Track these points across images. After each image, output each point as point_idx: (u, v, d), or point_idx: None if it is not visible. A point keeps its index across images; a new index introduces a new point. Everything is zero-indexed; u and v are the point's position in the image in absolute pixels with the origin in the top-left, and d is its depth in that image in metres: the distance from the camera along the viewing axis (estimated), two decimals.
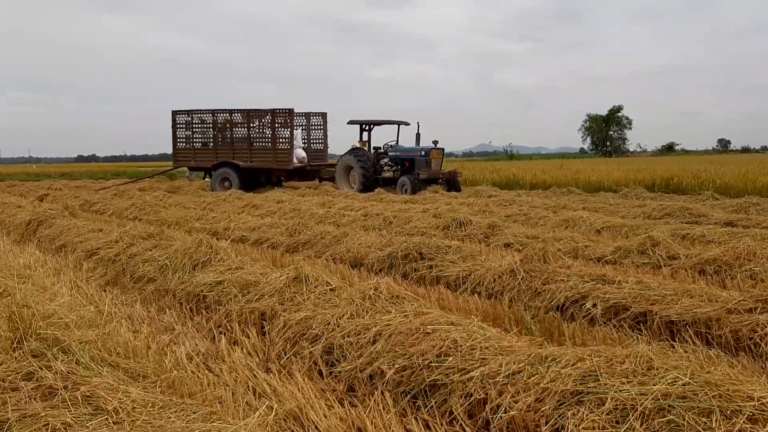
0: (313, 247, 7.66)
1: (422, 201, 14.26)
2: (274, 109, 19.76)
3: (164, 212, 11.98)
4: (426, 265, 5.93)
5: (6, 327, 2.89)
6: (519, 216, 10.10)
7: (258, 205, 13.23)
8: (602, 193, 15.66)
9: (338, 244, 7.35)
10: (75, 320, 3.45)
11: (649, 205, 10.81)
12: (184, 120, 21.07)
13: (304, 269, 4.46)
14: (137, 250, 6.52)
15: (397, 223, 9.51)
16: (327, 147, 22.68)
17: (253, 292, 4.57)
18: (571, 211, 10.09)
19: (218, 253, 5.66)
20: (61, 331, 2.91)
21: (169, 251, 6.10)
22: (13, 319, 2.83)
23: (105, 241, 7.49)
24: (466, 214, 9.00)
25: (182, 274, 5.43)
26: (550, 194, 16.07)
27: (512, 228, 8.13)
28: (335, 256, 7.03)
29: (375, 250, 6.76)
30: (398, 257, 6.22)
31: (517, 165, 29.14)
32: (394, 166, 18.78)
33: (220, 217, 10.58)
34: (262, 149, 20.15)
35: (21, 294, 3.37)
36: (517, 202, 12.86)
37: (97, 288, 6.18)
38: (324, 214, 11.06)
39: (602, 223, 8.74)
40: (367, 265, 6.51)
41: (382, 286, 3.71)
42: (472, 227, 8.36)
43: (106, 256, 6.87)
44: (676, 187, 15.83)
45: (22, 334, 2.77)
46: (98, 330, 3.38)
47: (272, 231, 8.53)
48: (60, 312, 3.47)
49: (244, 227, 9.20)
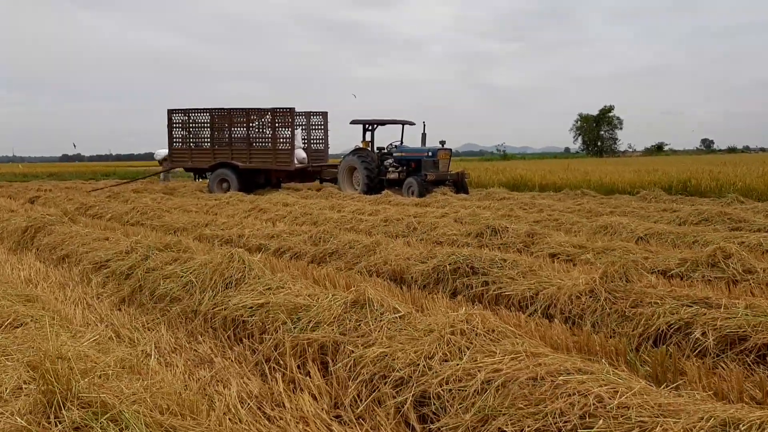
0: (342, 257, 7.04)
1: (435, 204, 13.67)
2: (274, 108, 19.11)
3: (168, 217, 11.32)
4: (480, 281, 5.34)
5: (36, 386, 2.27)
6: (549, 221, 9.54)
7: (265, 208, 12.59)
8: (618, 196, 15.15)
9: (371, 255, 6.74)
10: (112, 365, 2.83)
11: (683, 209, 10.27)
12: (181, 119, 20.36)
13: (366, 291, 3.85)
14: (155, 264, 5.88)
15: (423, 229, 8.92)
16: (328, 147, 22.05)
17: (305, 318, 3.96)
18: (606, 217, 9.53)
19: (252, 268, 5.05)
20: (105, 390, 2.29)
21: (192, 265, 5.48)
22: (47, 378, 2.20)
23: (115, 252, 6.84)
24: (496, 220, 8.42)
25: (213, 294, 4.81)
26: (563, 197, 15.54)
27: (553, 236, 7.56)
28: (370, 268, 6.42)
29: (416, 262, 6.16)
30: (446, 271, 5.62)
31: (523, 165, 28.60)
32: (399, 167, 18.17)
33: (230, 223, 9.94)
34: (262, 150, 19.48)
35: (52, 342, 2.74)
36: (537, 205, 12.30)
37: (111, 307, 5.55)
38: (339, 219, 10.45)
39: (644, 231, 8.18)
40: (410, 280, 5.91)
41: (476, 318, 3.11)
42: (508, 235, 7.78)
43: (118, 269, 6.22)
44: (695, 189, 15.34)
45: (59, 399, 2.15)
46: (142, 380, 2.76)
47: (294, 239, 7.91)
48: (92, 355, 2.85)
49: (261, 234, 8.57)
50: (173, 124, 20.34)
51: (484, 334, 3.04)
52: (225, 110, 19.80)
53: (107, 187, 21.52)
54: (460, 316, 3.18)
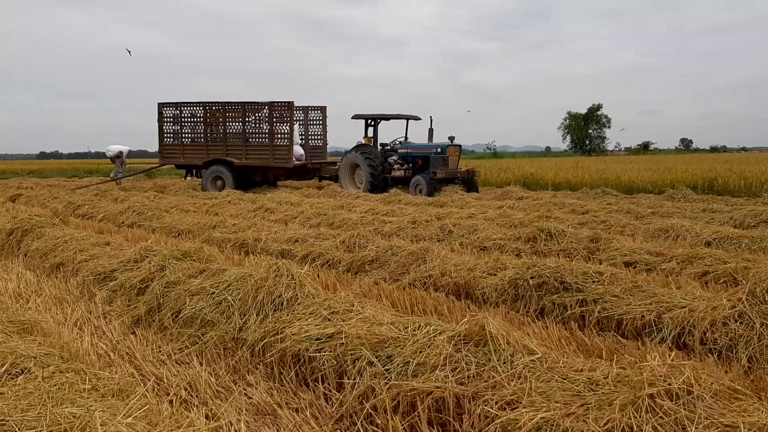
0: (384, 267, 6.09)
1: (451, 203, 12.75)
2: (271, 102, 18.07)
3: (168, 217, 10.28)
4: (576, 300, 4.42)
5: None
6: (596, 223, 8.65)
7: (272, 208, 11.58)
8: (642, 195, 14.32)
9: (421, 264, 5.80)
10: None
11: (738, 210, 9.43)
12: (172, 113, 19.23)
13: (486, 323, 2.91)
14: (175, 277, 4.90)
15: (460, 232, 7.99)
16: (326, 143, 21.01)
17: (398, 357, 3.02)
18: (659, 219, 8.67)
19: (303, 284, 4.09)
20: None
21: (225, 280, 4.51)
22: None
23: (121, 260, 5.84)
24: (548, 222, 7.50)
25: (260, 318, 3.85)
26: (583, 195, 14.68)
27: (620, 241, 6.67)
28: (424, 280, 5.48)
29: (483, 273, 5.24)
30: (528, 286, 4.70)
31: (530, 163, 27.72)
32: (404, 165, 17.22)
33: (241, 225, 8.93)
34: (259, 146, 18.42)
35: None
36: (567, 204, 11.41)
37: (124, 330, 4.57)
38: (359, 220, 9.49)
39: (710, 234, 7.33)
40: (479, 296, 4.99)
41: (687, 371, 2.18)
42: (566, 239, 6.88)
43: (128, 282, 5.23)
44: (722, 188, 14.57)
45: None
46: None
47: (323, 244, 6.93)
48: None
49: (281, 238, 7.58)
50: (164, 118, 19.22)
51: (709, 397, 2.11)
52: (219, 104, 18.72)
53: (93, 185, 20.33)
54: (657, 367, 2.24)
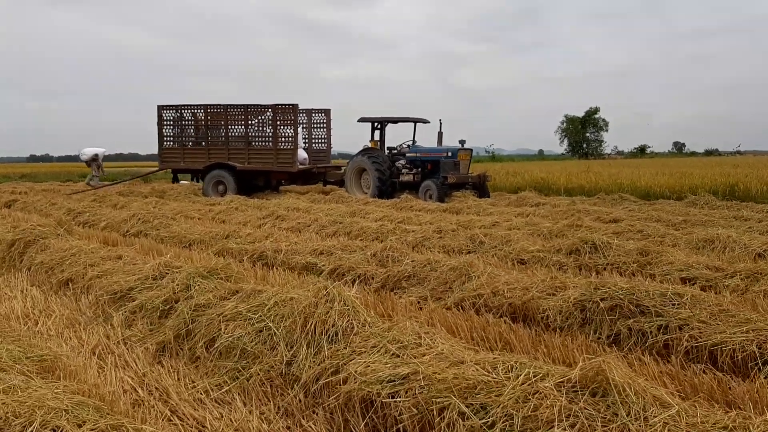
0: (423, 283, 5.61)
1: (467, 210, 12.29)
2: (276, 105, 17.58)
3: (176, 226, 9.77)
4: (655, 325, 3.97)
5: None
6: (632, 233, 8.20)
7: (283, 215, 11.09)
8: (662, 201, 13.88)
9: (466, 281, 5.33)
10: None
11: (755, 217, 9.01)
12: (172, 116, 18.71)
13: (607, 370, 2.44)
14: (204, 298, 4.42)
15: (492, 242, 7.52)
16: (331, 147, 20.51)
17: (495, 408, 2.54)
18: (699, 228, 8.24)
19: (357, 311, 3.62)
20: None
21: (262, 303, 4.04)
22: None
23: (138, 277, 5.35)
24: (590, 233, 7.05)
25: (312, 352, 3.37)
26: (599, 201, 14.24)
27: (671, 254, 6.22)
28: (474, 301, 5.00)
29: (540, 293, 4.77)
30: (598, 309, 4.24)
31: (538, 168, 27.29)
32: (413, 169, 16.74)
33: (257, 234, 8.43)
34: (262, 149, 17.91)
35: None
36: (591, 212, 10.97)
37: (149, 359, 4.09)
38: (378, 229, 9.01)
39: (760, 246, 6.90)
40: (540, 320, 4.52)
41: None
42: (613, 252, 6.43)
43: (149, 303, 4.75)
44: (743, 194, 14.18)
45: None
46: None
47: (352, 257, 6.45)
48: None
49: (303, 249, 7.09)
50: (163, 121, 18.69)
51: None
52: (221, 106, 18.21)
53: (90, 190, 19.76)
54: None
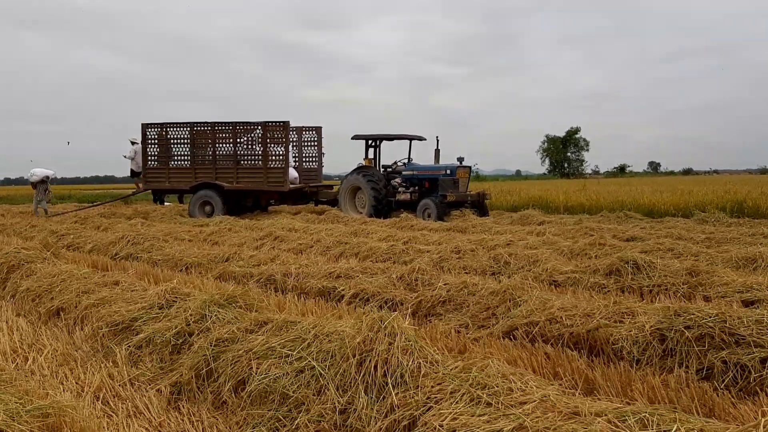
0: (460, 309, 5.04)
1: (472, 229, 11.76)
2: (265, 122, 16.99)
3: (169, 248, 9.11)
4: (756, 358, 3.43)
5: None
6: (662, 251, 7.71)
7: (281, 236, 10.46)
8: (669, 218, 13.48)
9: (510, 306, 4.77)
10: None
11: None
12: (157, 134, 18.03)
13: None
14: (226, 331, 3.80)
15: (518, 263, 6.99)
16: (322, 166, 19.93)
17: None
18: (735, 246, 7.78)
19: (423, 348, 3.03)
20: None
21: (299, 336, 3.44)
22: None
23: (141, 306, 4.72)
24: (633, 252, 6.53)
25: (375, 398, 2.78)
26: (603, 219, 13.82)
27: (723, 274, 5.71)
28: (525, 329, 4.42)
29: (606, 320, 4.22)
30: (682, 339, 3.69)
31: (535, 187, 26.89)
32: (410, 187, 16.22)
33: (260, 256, 7.80)
34: (252, 168, 17.27)
35: None
36: (605, 230, 10.49)
37: (163, 403, 3.46)
38: (388, 249, 8.43)
39: None
40: (611, 351, 3.96)
41: None
42: (658, 273, 5.91)
43: (158, 336, 4.12)
44: (752, 210, 13.84)
45: None
46: None
47: (374, 281, 5.85)
48: None
49: (317, 272, 6.48)
50: (148, 140, 18.01)
51: None
52: (208, 124, 17.59)
53: (71, 212, 18.93)
54: None
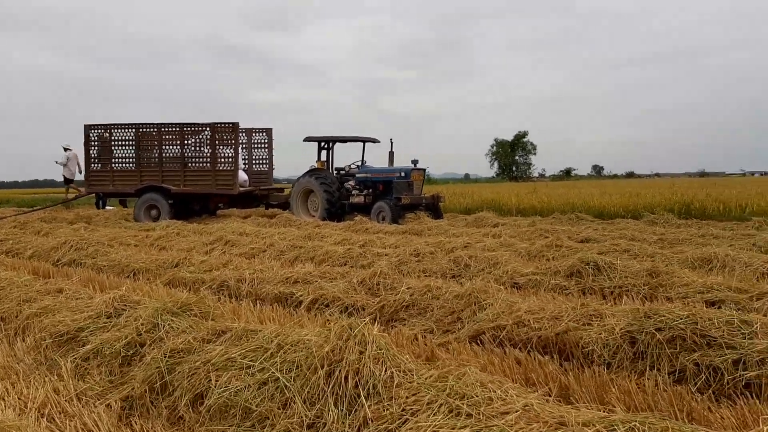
0: (425, 313, 4.91)
1: (429, 232, 11.68)
2: (214, 124, 16.59)
3: (114, 253, 8.74)
4: (729, 360, 3.38)
5: None
6: (618, 252, 7.72)
7: (232, 240, 10.15)
8: (619, 220, 13.65)
9: (475, 310, 4.65)
10: None
11: (761, 236, 8.77)
12: (100, 136, 17.42)
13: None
14: (181, 342, 3.57)
15: (479, 265, 6.90)
16: (272, 168, 19.58)
17: None
18: (689, 246, 7.87)
19: (395, 356, 2.87)
20: None
21: (261, 345, 3.24)
22: None
23: (88, 315, 4.43)
24: (592, 254, 6.50)
25: (345, 410, 2.61)
26: (555, 221, 13.90)
27: (683, 275, 5.72)
28: (493, 333, 4.31)
29: (572, 322, 4.14)
30: (653, 341, 3.63)
31: (487, 189, 27.04)
32: (364, 190, 16.06)
33: (212, 262, 7.52)
34: (200, 171, 16.83)
35: None
36: (560, 231, 10.52)
37: (113, 419, 3.22)
38: (345, 253, 8.25)
39: (762, 265, 6.52)
40: (581, 355, 3.88)
41: None
42: (618, 274, 5.89)
43: (107, 347, 3.85)
44: (699, 212, 14.14)
45: None
46: None
47: (335, 286, 5.66)
48: None
49: (273, 278, 6.26)
50: (91, 141, 17.39)
51: None
52: (154, 125, 17.09)
53: (10, 216, 18.14)
54: None
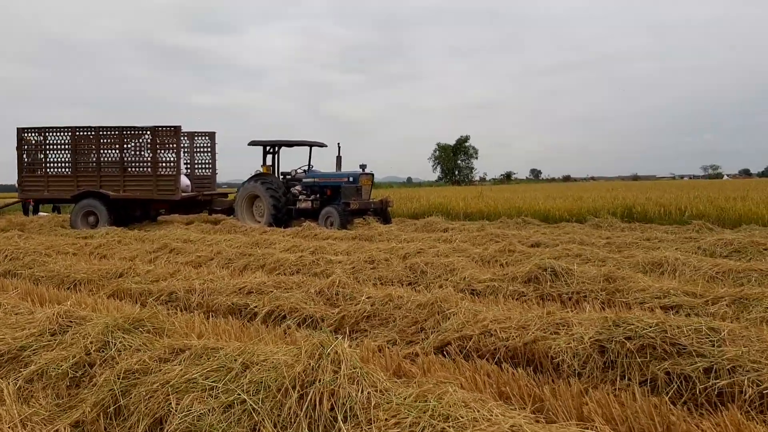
0: (387, 324, 4.79)
1: (378, 238, 11.57)
2: (155, 127, 16.11)
3: (53, 263, 8.31)
4: (700, 369, 3.37)
5: None
6: (571, 257, 7.76)
7: (177, 248, 9.82)
8: (564, 224, 13.85)
9: (439, 319, 4.56)
10: None
11: (704, 239, 8.98)
12: (34, 140, 16.70)
13: None
14: (135, 361, 3.35)
15: (435, 272, 6.82)
16: (216, 173, 19.14)
17: None
18: (644, 251, 7.97)
19: (370, 374, 2.74)
20: None
21: (223, 364, 3.06)
22: None
23: (30, 333, 4.13)
24: (549, 260, 6.50)
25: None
26: (502, 225, 14.00)
27: (639, 280, 5.77)
28: (459, 344, 4.22)
29: (541, 332, 4.08)
30: (623, 350, 3.60)
31: (434, 194, 27.02)
32: (311, 195, 15.84)
33: (159, 272, 7.22)
34: (140, 176, 16.30)
35: None
36: (509, 236, 10.57)
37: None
38: (297, 261, 8.06)
39: (711, 268, 6.64)
40: (552, 365, 3.82)
41: None
42: (575, 279, 5.90)
43: (54, 368, 3.60)
44: (641, 215, 14.46)
45: None
46: None
47: (291, 296, 5.47)
48: None
49: (225, 288, 6.02)
50: (24, 145, 16.65)
51: None
52: (92, 128, 16.48)
53: None
54: None
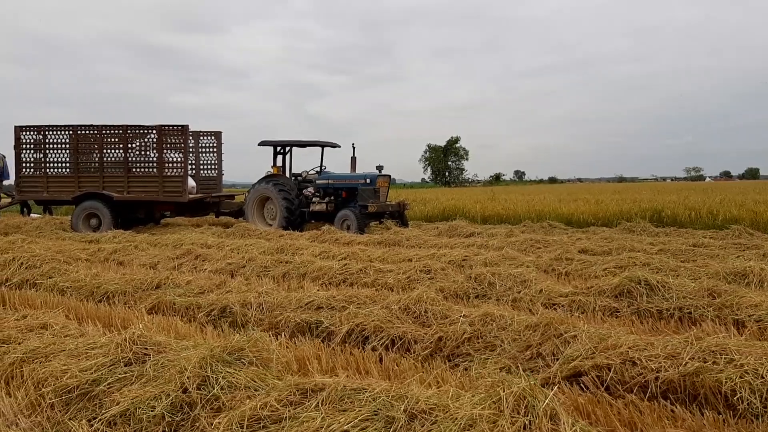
0: (493, 349, 4.23)
1: (407, 242, 11.02)
2: (161, 126, 15.44)
3: (75, 272, 7.67)
4: None
5: None
6: (637, 266, 7.25)
7: (202, 254, 9.20)
8: (595, 229, 13.37)
9: (557, 344, 4.02)
10: None
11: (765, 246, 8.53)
12: (33, 139, 15.96)
13: None
14: (255, 406, 2.77)
15: (504, 284, 6.28)
16: (222, 174, 18.47)
17: None
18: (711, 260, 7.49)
19: None
20: None
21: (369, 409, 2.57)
22: None
23: (99, 363, 3.54)
24: (639, 271, 6.00)
25: None
26: (527, 229, 13.52)
27: (746, 294, 5.26)
28: (595, 374, 3.69)
29: (700, 362, 3.55)
30: None
31: (447, 195, 26.47)
32: (325, 197, 15.25)
33: (202, 283, 6.60)
34: (145, 177, 15.62)
35: None
36: (550, 242, 10.07)
37: None
38: (341, 269, 7.49)
39: None
40: (721, 403, 3.29)
41: None
42: (674, 293, 5.39)
43: (143, 410, 3.02)
44: (671, 219, 14.04)
45: None
46: None
47: (370, 312, 4.89)
48: None
49: (286, 302, 5.44)
50: (23, 144, 15.91)
51: None
52: (95, 127, 15.78)
53: None
54: None
